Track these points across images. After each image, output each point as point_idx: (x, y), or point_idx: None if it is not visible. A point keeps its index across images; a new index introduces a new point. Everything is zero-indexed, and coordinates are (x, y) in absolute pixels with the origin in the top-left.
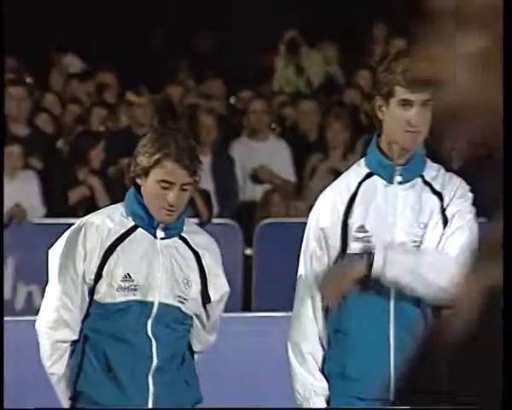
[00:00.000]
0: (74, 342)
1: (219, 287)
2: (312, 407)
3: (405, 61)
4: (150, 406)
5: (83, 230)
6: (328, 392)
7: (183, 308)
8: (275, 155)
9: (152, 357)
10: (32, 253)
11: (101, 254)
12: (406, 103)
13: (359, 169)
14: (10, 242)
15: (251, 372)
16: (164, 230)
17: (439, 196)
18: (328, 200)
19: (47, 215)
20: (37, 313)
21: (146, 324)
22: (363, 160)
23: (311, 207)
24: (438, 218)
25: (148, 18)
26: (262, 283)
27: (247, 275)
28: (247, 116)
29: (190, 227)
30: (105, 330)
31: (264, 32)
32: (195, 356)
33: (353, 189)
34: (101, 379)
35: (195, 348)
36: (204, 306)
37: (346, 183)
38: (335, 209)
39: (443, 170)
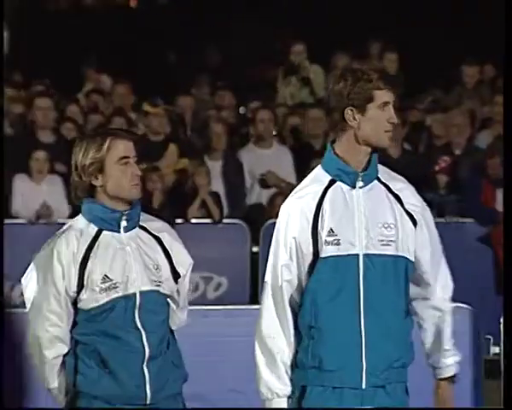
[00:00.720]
0: (66, 353)
1: (183, 262)
2: (274, 406)
3: (378, 69)
4: (148, 392)
5: (55, 251)
6: (289, 394)
7: (161, 290)
8: (279, 161)
9: (144, 348)
10: None
11: (77, 267)
12: (385, 105)
13: (321, 177)
14: (38, 240)
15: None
16: (127, 220)
17: (396, 196)
18: (295, 209)
19: (71, 216)
20: None
21: (133, 315)
22: (320, 168)
23: None
24: (403, 218)
25: (163, 35)
26: None
27: (254, 270)
28: (254, 125)
29: (145, 217)
30: (93, 331)
31: (271, 46)
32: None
33: (319, 196)
34: (98, 375)
35: (172, 327)
36: (176, 283)
37: (312, 191)
38: (304, 217)
39: (388, 169)
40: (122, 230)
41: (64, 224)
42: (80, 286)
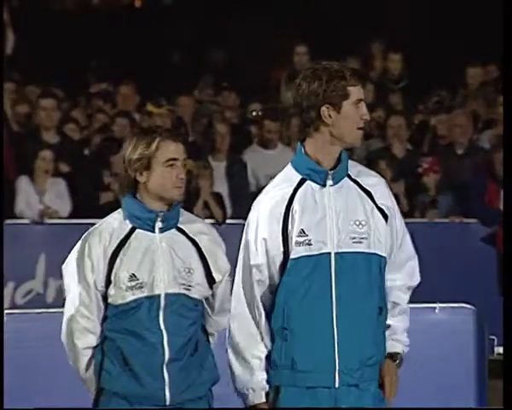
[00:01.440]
0: (96, 347)
1: (221, 266)
2: (252, 399)
3: (348, 67)
4: (167, 394)
5: (87, 244)
6: (266, 385)
7: (190, 294)
8: (283, 162)
9: (164, 350)
10: (61, 250)
11: (107, 262)
12: (359, 102)
13: (290, 176)
14: (42, 239)
15: None
16: (162, 221)
17: (368, 192)
18: (265, 210)
19: (74, 215)
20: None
21: (157, 316)
22: (291, 167)
23: None
24: (375, 214)
25: (167, 36)
26: None
27: None
28: (259, 129)
29: (186, 217)
30: (120, 328)
31: (275, 47)
32: (211, 339)
33: (289, 196)
34: (119, 373)
35: (209, 330)
36: (211, 288)
37: (281, 192)
38: (274, 218)
39: (359, 165)
40: (157, 230)
41: (67, 224)
42: (108, 282)
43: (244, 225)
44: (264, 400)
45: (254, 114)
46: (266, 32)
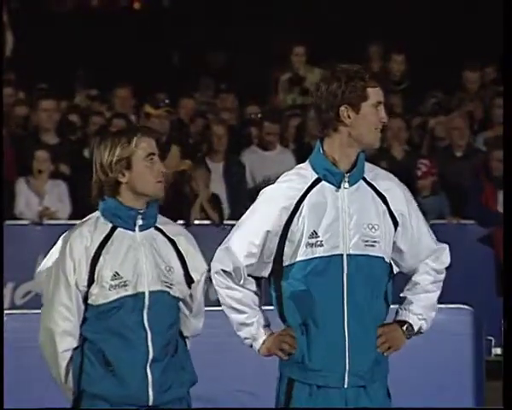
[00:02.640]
0: (75, 349)
1: (198, 266)
2: (256, 347)
3: (367, 68)
4: (150, 394)
5: (68, 244)
6: (267, 322)
7: (172, 292)
8: (281, 163)
9: (148, 349)
10: None
11: (89, 261)
12: (378, 104)
13: (306, 173)
14: (41, 241)
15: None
16: (142, 219)
17: (383, 197)
18: (275, 205)
19: (73, 216)
20: None
21: (142, 315)
22: (308, 165)
23: None
24: (386, 220)
25: (166, 37)
26: None
27: None
28: (258, 130)
29: (163, 219)
30: (101, 329)
31: (273, 48)
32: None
33: (302, 193)
34: (101, 375)
35: (185, 334)
36: (189, 287)
37: (295, 186)
38: (282, 215)
39: (377, 168)
40: (137, 228)
41: (66, 225)
42: (91, 281)
43: None
44: (264, 336)
45: (253, 116)
46: (265, 34)
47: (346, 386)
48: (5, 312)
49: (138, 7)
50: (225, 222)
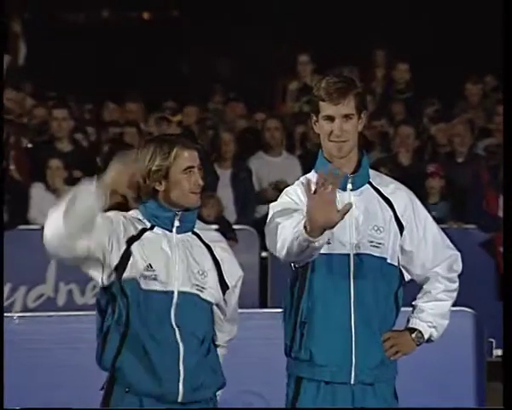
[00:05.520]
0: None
1: (233, 273)
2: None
3: (327, 79)
4: (181, 390)
5: (120, 213)
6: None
7: (202, 296)
8: (287, 169)
9: (178, 345)
10: None
11: (125, 240)
12: (328, 118)
13: (311, 178)
14: None
15: (267, 356)
16: (180, 221)
17: (388, 201)
18: (296, 192)
19: None
20: (77, 309)
21: (169, 313)
22: (313, 171)
23: None
24: (392, 225)
25: (176, 47)
26: (277, 282)
27: (263, 275)
28: (262, 134)
29: (201, 225)
30: (139, 317)
31: (279, 57)
32: (223, 350)
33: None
34: (137, 363)
35: (220, 340)
36: (223, 294)
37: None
38: (302, 201)
39: (383, 175)
40: (174, 229)
41: None
42: (124, 265)
43: (249, 230)
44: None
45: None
46: (270, 43)
47: (352, 382)
48: (17, 314)
49: (148, 17)
50: (233, 227)
